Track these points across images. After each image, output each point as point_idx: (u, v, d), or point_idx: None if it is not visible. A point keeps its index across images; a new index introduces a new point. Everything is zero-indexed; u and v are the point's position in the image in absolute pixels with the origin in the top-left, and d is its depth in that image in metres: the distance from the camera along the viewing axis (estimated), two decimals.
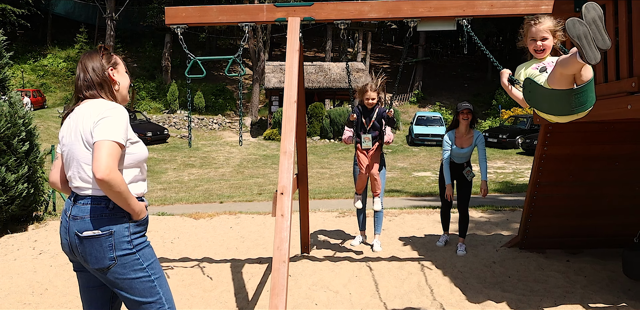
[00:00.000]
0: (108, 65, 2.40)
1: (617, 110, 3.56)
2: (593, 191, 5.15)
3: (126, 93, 2.51)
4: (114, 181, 2.10)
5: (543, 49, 2.82)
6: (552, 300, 4.19)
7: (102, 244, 2.22)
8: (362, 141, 5.21)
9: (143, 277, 2.31)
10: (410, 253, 5.62)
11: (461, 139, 5.58)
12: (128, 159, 2.32)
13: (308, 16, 4.03)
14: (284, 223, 3.18)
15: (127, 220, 2.29)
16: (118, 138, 2.19)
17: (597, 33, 2.31)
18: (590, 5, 2.33)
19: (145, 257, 2.35)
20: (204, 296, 4.42)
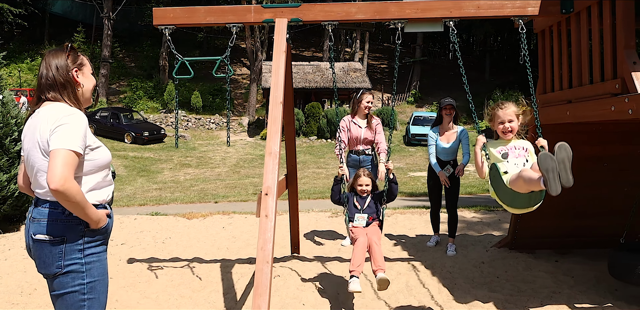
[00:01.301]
0: (73, 65, 2.32)
1: (602, 112, 3.57)
2: (582, 192, 5.14)
3: (90, 96, 2.43)
4: (68, 192, 2.04)
5: (510, 130, 3.23)
6: (538, 301, 4.21)
7: (53, 250, 2.17)
8: (355, 219, 4.25)
9: (76, 294, 2.21)
10: (400, 253, 5.63)
11: (445, 134, 5.63)
12: (88, 165, 2.24)
13: (295, 17, 4.04)
14: (268, 224, 3.19)
15: (82, 228, 2.21)
16: (74, 146, 2.11)
17: (563, 171, 2.74)
18: (563, 146, 2.81)
19: (91, 274, 2.24)
20: (192, 296, 4.44)
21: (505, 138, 3.26)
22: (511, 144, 3.24)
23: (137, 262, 5.36)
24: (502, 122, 3.23)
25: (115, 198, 11.76)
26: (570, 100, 4.10)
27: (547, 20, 4.45)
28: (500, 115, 3.24)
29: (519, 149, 3.22)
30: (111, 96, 31.01)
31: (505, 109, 3.24)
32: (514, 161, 3.15)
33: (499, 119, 3.25)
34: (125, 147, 22.15)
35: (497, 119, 3.26)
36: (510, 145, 3.23)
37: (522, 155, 3.20)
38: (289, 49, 4.15)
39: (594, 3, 3.72)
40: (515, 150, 3.19)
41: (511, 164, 3.15)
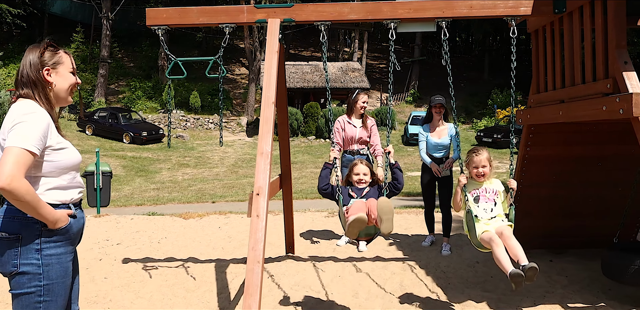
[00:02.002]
0: (46, 64, 2.27)
1: (594, 112, 3.58)
2: (577, 192, 5.17)
3: (65, 95, 2.35)
4: (16, 191, 1.98)
5: (483, 174, 3.64)
6: (531, 300, 4.21)
7: (8, 247, 2.12)
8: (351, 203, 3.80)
9: (32, 296, 2.15)
10: (395, 253, 5.64)
11: (436, 131, 5.71)
12: (49, 166, 2.17)
13: (288, 17, 4.04)
14: (259, 224, 3.20)
15: (39, 228, 2.15)
16: (28, 145, 2.05)
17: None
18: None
19: (49, 276, 2.17)
20: (186, 296, 4.44)
21: (478, 180, 3.67)
22: (483, 186, 3.67)
23: (132, 262, 5.36)
24: (476, 167, 3.64)
25: (112, 198, 11.76)
26: (563, 100, 4.11)
27: (541, 20, 4.45)
28: (475, 161, 3.65)
29: (490, 192, 3.64)
30: (110, 96, 31.01)
31: (479, 156, 3.64)
32: (483, 206, 3.60)
33: (474, 163, 3.66)
34: (123, 147, 22.16)
35: (472, 164, 3.67)
36: (482, 187, 3.66)
37: (492, 200, 3.62)
38: (282, 49, 4.15)
39: (586, 3, 3.73)
40: (486, 193, 3.63)
41: (481, 209, 3.59)
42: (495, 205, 3.59)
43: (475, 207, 3.58)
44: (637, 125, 3.19)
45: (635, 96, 3.15)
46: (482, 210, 3.57)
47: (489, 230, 3.46)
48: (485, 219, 3.55)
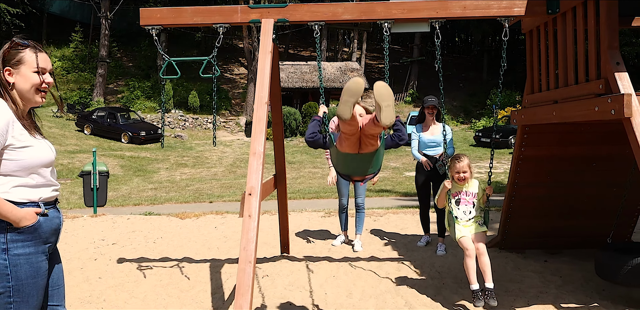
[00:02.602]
0: (7, 64, 2.21)
1: (586, 112, 3.58)
2: (571, 192, 5.17)
3: (30, 96, 2.27)
4: None
5: (464, 178, 4.12)
6: (525, 301, 4.22)
7: None
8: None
9: (1, 296, 2.11)
10: (391, 253, 5.64)
11: (430, 129, 5.75)
12: (10, 165, 2.14)
13: (282, 17, 4.04)
14: (251, 224, 3.20)
15: (5, 226, 2.11)
16: None
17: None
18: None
19: (17, 277, 2.12)
20: (180, 296, 4.44)
21: (460, 184, 4.16)
22: (464, 189, 4.16)
23: (127, 262, 5.36)
24: (458, 172, 4.12)
25: (110, 198, 11.75)
26: (557, 100, 4.11)
27: (535, 21, 4.46)
28: (457, 167, 4.13)
29: (469, 195, 4.14)
30: (109, 96, 30.99)
31: (461, 163, 4.13)
32: (463, 209, 4.13)
33: (456, 169, 4.13)
34: (122, 146, 22.16)
35: (454, 169, 4.14)
36: (463, 190, 4.15)
37: (471, 202, 4.13)
38: (276, 50, 4.15)
39: (579, 3, 3.73)
40: (466, 196, 4.13)
41: (460, 212, 4.13)
42: (474, 207, 4.13)
43: (456, 210, 4.12)
44: (628, 125, 3.20)
45: (627, 97, 3.16)
46: (461, 213, 4.12)
47: (466, 236, 4.03)
48: (464, 220, 4.10)
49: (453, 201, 4.13)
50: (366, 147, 3.14)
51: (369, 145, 3.12)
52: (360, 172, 3.36)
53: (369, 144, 3.11)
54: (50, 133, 23.00)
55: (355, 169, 3.33)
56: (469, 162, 4.15)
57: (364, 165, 3.30)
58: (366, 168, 3.32)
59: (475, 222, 4.09)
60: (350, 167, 3.32)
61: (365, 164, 3.28)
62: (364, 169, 3.33)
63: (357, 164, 3.27)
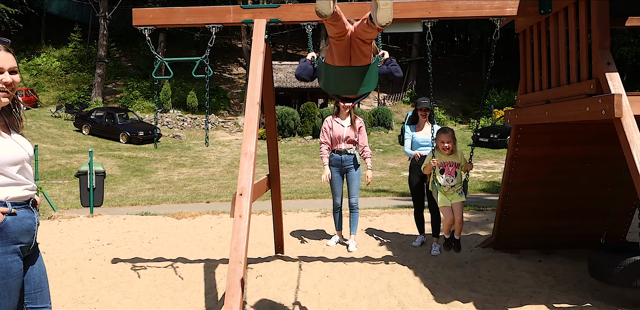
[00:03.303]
0: None
1: (577, 112, 3.59)
2: (565, 192, 5.17)
3: None
4: None
5: (448, 148, 4.53)
6: (518, 301, 4.22)
7: None
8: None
9: None
10: (385, 253, 5.64)
11: (424, 129, 5.79)
12: None
13: (275, 18, 4.04)
14: (241, 224, 3.20)
15: None
16: None
17: None
18: None
19: None
20: (173, 296, 4.44)
21: (444, 154, 4.54)
22: (448, 159, 4.54)
23: (121, 262, 5.36)
24: (443, 142, 4.53)
25: (107, 198, 11.75)
26: (549, 100, 4.12)
27: (528, 21, 4.46)
28: (442, 138, 4.55)
29: (452, 166, 4.53)
30: (107, 96, 30.98)
31: (446, 134, 4.55)
32: (446, 178, 4.54)
33: (441, 139, 4.55)
34: (120, 147, 22.14)
35: (440, 139, 4.56)
36: (447, 160, 4.53)
37: (453, 172, 4.54)
38: (269, 50, 4.15)
39: (571, 3, 3.73)
40: (449, 167, 4.53)
41: (444, 180, 4.54)
42: (456, 176, 4.55)
43: (440, 178, 4.55)
44: (619, 126, 3.20)
45: (617, 97, 3.16)
46: (444, 181, 4.54)
47: (447, 206, 4.52)
48: (446, 188, 4.54)
49: (437, 170, 4.53)
50: (357, 59, 2.90)
51: (360, 55, 2.88)
52: (352, 90, 3.15)
53: (361, 53, 2.86)
54: (48, 133, 23.00)
55: (346, 85, 3.10)
56: (453, 134, 4.59)
57: (355, 81, 3.07)
58: (357, 85, 3.10)
59: (456, 191, 4.54)
60: (341, 83, 3.10)
61: (357, 79, 3.06)
62: (355, 86, 3.11)
63: (347, 79, 3.04)
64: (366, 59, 2.94)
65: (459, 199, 4.54)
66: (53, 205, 8.71)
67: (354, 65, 2.96)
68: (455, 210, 4.52)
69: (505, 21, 4.67)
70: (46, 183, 14.43)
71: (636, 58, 29.96)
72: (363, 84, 3.12)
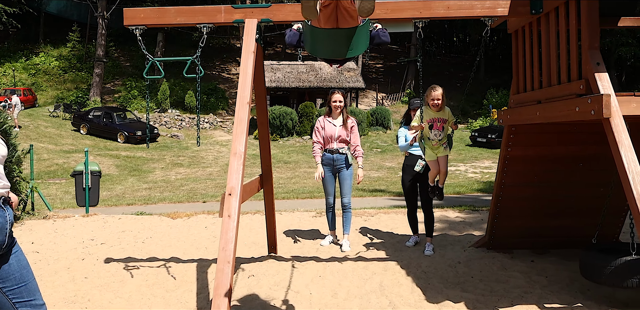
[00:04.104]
0: None
1: (568, 112, 3.59)
2: (558, 192, 5.17)
3: None
4: None
5: (437, 105, 4.90)
6: (509, 301, 4.22)
7: None
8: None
9: None
10: (378, 253, 5.64)
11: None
12: None
13: (266, 18, 4.04)
14: (230, 224, 3.20)
15: None
16: None
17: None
18: None
19: None
20: (165, 296, 4.44)
21: (434, 110, 4.92)
22: (437, 115, 4.92)
23: (114, 261, 5.36)
24: (433, 99, 4.90)
25: (104, 198, 11.75)
26: (540, 100, 4.12)
27: (520, 21, 4.46)
28: (432, 95, 4.90)
29: (440, 121, 4.91)
30: (106, 95, 30.97)
31: (435, 91, 4.89)
32: (434, 132, 4.93)
33: (431, 96, 4.92)
34: (118, 146, 22.14)
35: (430, 96, 4.93)
36: (435, 116, 4.92)
37: (440, 127, 4.92)
38: (260, 50, 4.15)
39: (561, 4, 3.73)
40: (437, 122, 4.90)
41: (432, 134, 4.93)
42: (443, 130, 4.94)
43: (429, 132, 4.92)
44: (607, 126, 3.20)
45: (606, 97, 3.16)
46: (433, 135, 4.92)
47: (434, 160, 5.01)
48: (433, 141, 4.94)
49: (427, 126, 4.90)
50: (344, 20, 2.79)
51: (347, 17, 2.77)
52: (339, 53, 3.09)
53: (348, 16, 2.75)
54: (46, 132, 22.99)
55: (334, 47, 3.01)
56: (443, 92, 4.91)
57: (343, 44, 2.98)
58: (345, 48, 3.02)
59: (442, 146, 4.98)
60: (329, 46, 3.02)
61: (344, 41, 2.97)
62: (342, 49, 3.04)
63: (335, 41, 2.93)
64: (353, 21, 2.83)
65: (444, 152, 5.02)
66: (48, 205, 8.70)
67: (341, 27, 2.84)
68: (441, 163, 5.03)
69: (498, 21, 4.68)
70: (43, 183, 14.43)
71: (635, 58, 30.03)
72: (351, 47, 3.04)
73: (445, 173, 5.10)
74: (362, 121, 24.58)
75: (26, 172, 8.63)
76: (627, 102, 3.34)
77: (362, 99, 33.31)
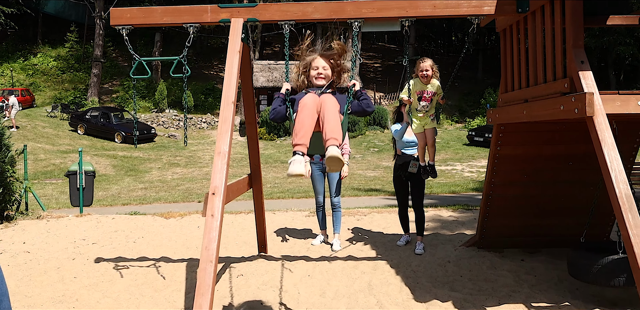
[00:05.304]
0: None
1: (553, 111, 3.58)
2: (548, 191, 5.17)
3: None
4: None
5: (426, 76, 4.86)
6: (496, 300, 4.22)
7: None
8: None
9: None
10: (369, 252, 5.64)
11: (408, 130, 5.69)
12: None
13: (252, 17, 4.04)
14: (213, 223, 3.20)
15: None
16: None
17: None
18: None
19: None
20: (153, 295, 4.44)
21: (423, 81, 4.88)
22: (426, 87, 4.90)
23: (104, 261, 5.36)
24: (421, 70, 4.87)
25: (99, 197, 11.76)
26: (527, 99, 4.11)
27: (507, 20, 4.46)
28: (421, 66, 4.88)
29: (428, 93, 4.91)
30: (103, 96, 30.95)
31: (424, 62, 4.88)
32: (422, 104, 4.95)
33: (420, 68, 4.88)
34: (115, 146, 22.12)
35: (419, 68, 4.89)
36: (424, 89, 4.90)
37: (429, 100, 4.93)
38: (246, 49, 4.15)
39: (547, 2, 3.73)
40: (426, 94, 4.91)
41: (420, 105, 4.96)
42: (431, 102, 4.96)
43: (417, 103, 4.96)
44: (590, 124, 3.20)
45: (589, 96, 3.16)
46: (421, 107, 4.95)
47: (421, 132, 5.06)
48: (421, 113, 4.97)
49: (416, 97, 4.93)
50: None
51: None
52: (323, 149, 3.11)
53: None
54: (43, 133, 22.98)
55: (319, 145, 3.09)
56: (432, 63, 4.92)
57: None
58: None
59: (429, 117, 4.99)
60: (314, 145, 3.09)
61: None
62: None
63: (319, 140, 3.04)
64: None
65: (431, 124, 5.03)
66: (42, 205, 8.69)
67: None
68: (428, 135, 5.06)
69: (486, 20, 4.68)
70: (40, 183, 14.43)
71: (632, 57, 30.00)
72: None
73: (433, 145, 5.12)
74: (360, 120, 24.56)
75: (21, 173, 8.63)
76: (611, 101, 3.34)
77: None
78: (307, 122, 2.95)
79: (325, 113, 2.98)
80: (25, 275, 4.94)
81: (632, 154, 4.90)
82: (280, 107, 3.30)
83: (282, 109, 3.29)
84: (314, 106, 3.01)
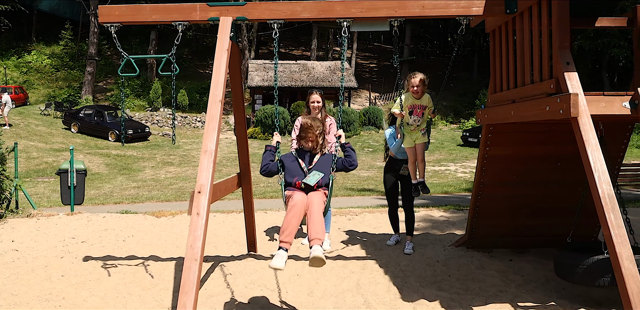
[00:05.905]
0: None
1: (539, 112, 3.60)
2: (537, 191, 5.19)
3: None
4: None
5: (417, 91, 4.96)
6: (483, 299, 4.23)
7: None
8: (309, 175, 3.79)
9: None
10: (358, 252, 5.64)
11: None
12: None
13: (241, 16, 4.04)
14: (199, 221, 3.20)
15: None
16: None
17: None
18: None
19: None
20: (141, 294, 4.43)
21: (415, 96, 4.99)
22: (417, 101, 4.99)
23: (93, 260, 5.34)
24: (412, 86, 4.97)
25: (92, 196, 11.73)
26: (515, 99, 4.13)
27: (496, 20, 4.47)
28: (412, 82, 4.99)
29: (420, 108, 4.99)
30: (98, 94, 30.88)
31: (415, 78, 4.98)
32: (413, 118, 5.03)
33: (411, 83, 5.00)
34: (108, 145, 22.07)
35: (410, 84, 5.01)
36: (416, 103, 4.99)
37: (420, 114, 5.01)
38: (235, 48, 4.15)
39: (535, 3, 3.74)
40: (417, 109, 4.99)
41: (412, 120, 5.04)
42: (422, 117, 5.05)
43: (409, 118, 5.03)
44: (575, 125, 3.22)
45: (574, 97, 3.18)
46: (412, 121, 5.03)
47: (411, 147, 5.12)
48: (412, 127, 5.05)
49: (407, 111, 5.01)
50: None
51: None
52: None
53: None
54: (36, 131, 22.90)
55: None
56: (423, 78, 4.98)
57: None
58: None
59: (420, 131, 5.06)
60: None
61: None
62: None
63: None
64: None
65: (422, 139, 5.08)
66: (33, 203, 8.66)
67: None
68: (418, 149, 5.11)
69: (476, 21, 4.69)
70: (32, 181, 14.38)
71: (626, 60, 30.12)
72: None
73: (423, 161, 5.13)
74: (355, 121, 24.59)
75: (11, 171, 8.59)
76: (596, 102, 3.36)
77: (355, 98, 33.31)
78: (294, 222, 3.49)
79: (312, 215, 3.53)
80: (12, 274, 4.92)
81: (620, 155, 4.91)
82: (271, 165, 3.87)
83: (273, 166, 3.86)
84: (303, 207, 3.55)
